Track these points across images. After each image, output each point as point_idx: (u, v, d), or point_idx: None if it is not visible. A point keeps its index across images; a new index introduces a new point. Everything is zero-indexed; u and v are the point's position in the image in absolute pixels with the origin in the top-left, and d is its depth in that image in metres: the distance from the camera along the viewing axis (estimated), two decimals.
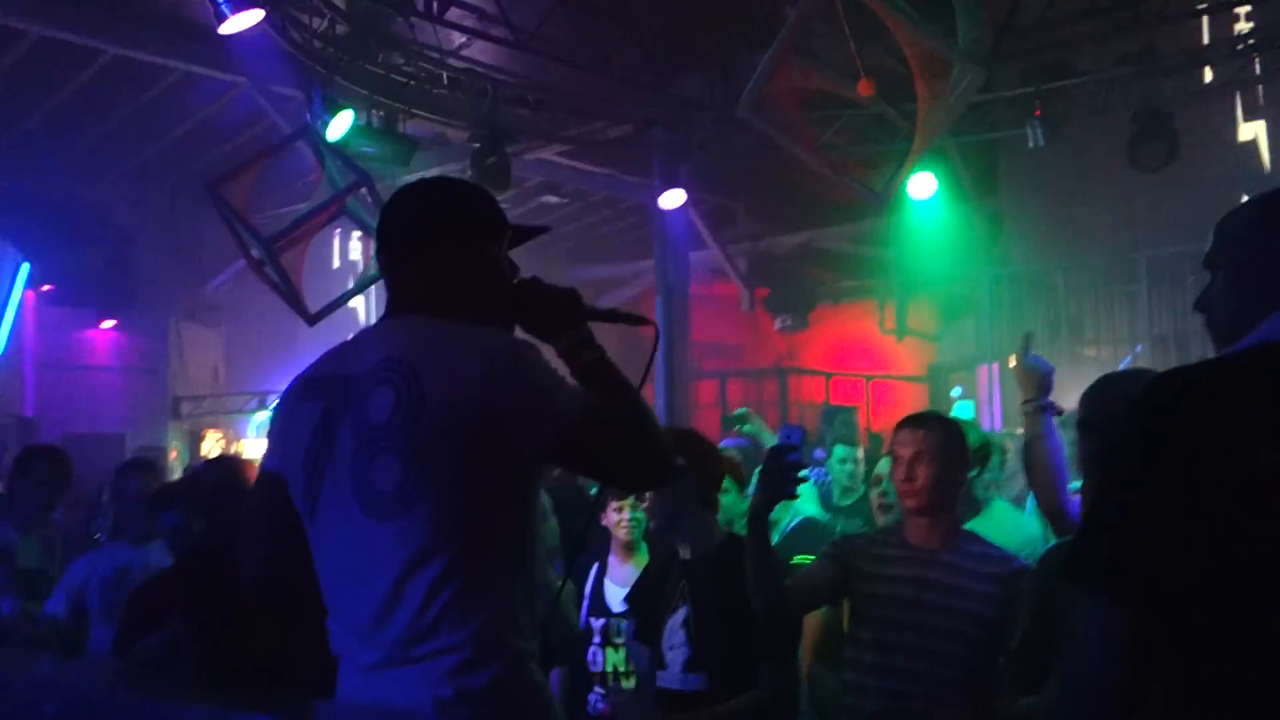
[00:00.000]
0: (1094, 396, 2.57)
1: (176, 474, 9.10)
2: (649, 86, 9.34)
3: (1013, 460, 4.73)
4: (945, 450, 2.83)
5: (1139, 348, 9.58)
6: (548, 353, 1.93)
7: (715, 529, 3.15)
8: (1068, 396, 2.91)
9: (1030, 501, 4.68)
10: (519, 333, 2.02)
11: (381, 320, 2.00)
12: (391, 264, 2.01)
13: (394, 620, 1.79)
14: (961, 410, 12.15)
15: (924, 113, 6.78)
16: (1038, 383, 2.95)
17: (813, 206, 12.31)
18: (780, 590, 2.77)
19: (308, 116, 7.19)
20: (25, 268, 10.36)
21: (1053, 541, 3.14)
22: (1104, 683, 1.50)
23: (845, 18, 6.30)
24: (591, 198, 12.99)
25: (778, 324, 14.19)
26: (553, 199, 12.19)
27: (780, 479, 2.63)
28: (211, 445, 11.97)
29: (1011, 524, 3.96)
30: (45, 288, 11.07)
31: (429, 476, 1.79)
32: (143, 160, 11.56)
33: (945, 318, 14.01)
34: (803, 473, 2.73)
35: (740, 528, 3.28)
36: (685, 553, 3.12)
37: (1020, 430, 5.47)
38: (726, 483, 3.31)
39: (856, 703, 2.80)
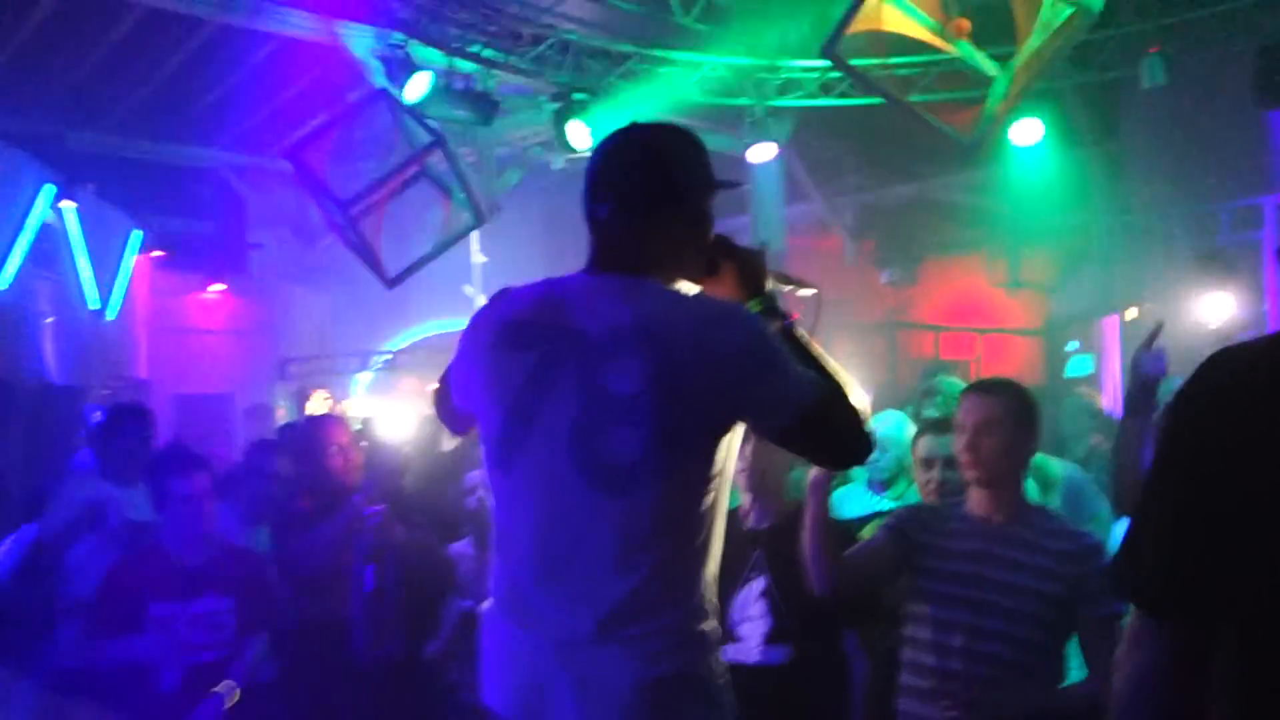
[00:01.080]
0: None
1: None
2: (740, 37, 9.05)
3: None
4: (1015, 419, 2.66)
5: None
6: None
7: (788, 496, 3.05)
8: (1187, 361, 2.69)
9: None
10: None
11: (597, 275, 1.90)
12: (607, 214, 1.91)
13: (609, 595, 1.74)
14: (1078, 365, 11.66)
15: (1023, 55, 6.38)
16: (1140, 386, 2.75)
17: (922, 155, 11.85)
18: (838, 564, 2.64)
19: (385, 79, 7.19)
20: (137, 235, 10.72)
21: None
22: (1151, 705, 1.33)
23: None
24: None
25: (885, 277, 13.81)
26: None
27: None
28: (318, 404, 12.27)
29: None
30: (156, 254, 11.43)
31: (670, 455, 1.75)
32: (250, 125, 11.80)
33: (1062, 269, 13.39)
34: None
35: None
36: (754, 522, 3.01)
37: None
38: None
39: (912, 682, 2.67)
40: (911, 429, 3.89)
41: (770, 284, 1.99)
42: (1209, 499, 1.29)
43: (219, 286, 12.77)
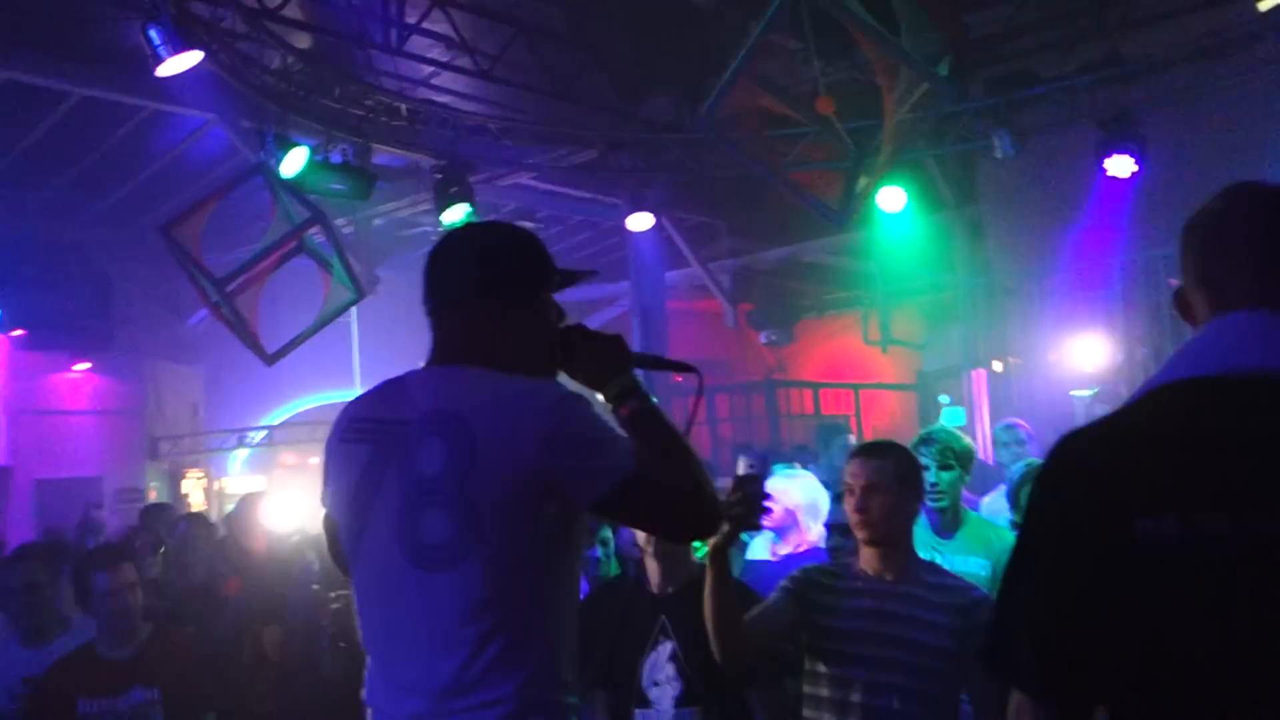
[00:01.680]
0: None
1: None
2: (615, 111, 9.27)
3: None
4: (899, 480, 2.77)
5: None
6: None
7: (691, 560, 3.09)
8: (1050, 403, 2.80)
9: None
10: (566, 381, 2.01)
11: (432, 367, 1.98)
12: (441, 309, 2.00)
13: (438, 672, 1.78)
14: (951, 417, 12.10)
15: (890, 128, 6.70)
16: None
17: (793, 221, 12.24)
18: (741, 629, 2.69)
19: (261, 154, 7.13)
20: None
21: None
22: None
23: (810, 34, 6.23)
24: (569, 221, 12.93)
25: (763, 338, 14.15)
26: (528, 225, 12.08)
27: (745, 510, 2.55)
28: (192, 485, 11.90)
29: (992, 536, 3.83)
30: (17, 332, 10.99)
31: (480, 531, 1.78)
32: (116, 200, 11.52)
33: (930, 326, 13.94)
34: None
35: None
36: (659, 587, 3.06)
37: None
38: None
39: None
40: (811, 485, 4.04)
41: (631, 369, 2.03)
42: (1067, 583, 1.36)
43: (84, 365, 12.30)
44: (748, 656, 2.76)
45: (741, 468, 2.62)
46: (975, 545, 3.67)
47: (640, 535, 3.07)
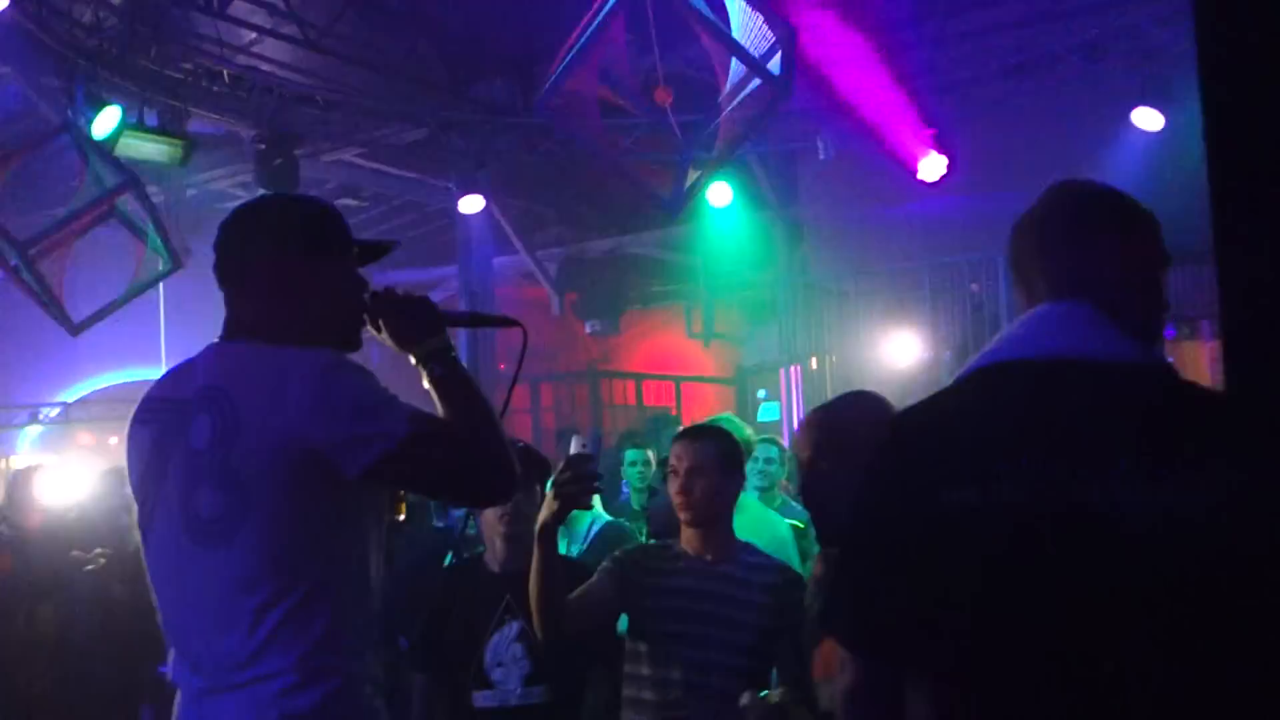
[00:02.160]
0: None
1: None
2: (447, 90, 9.15)
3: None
4: (720, 463, 2.85)
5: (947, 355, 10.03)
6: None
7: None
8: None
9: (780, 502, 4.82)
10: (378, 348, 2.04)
11: (215, 343, 1.98)
12: (226, 286, 2.00)
13: (219, 646, 1.80)
14: (767, 411, 12.48)
15: (725, 123, 6.86)
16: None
17: (621, 212, 12.37)
18: (562, 608, 2.72)
19: (69, 113, 6.71)
20: None
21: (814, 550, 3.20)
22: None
23: (651, 23, 6.30)
24: (395, 201, 12.67)
25: (588, 328, 14.21)
26: (352, 202, 11.82)
27: (577, 488, 2.57)
28: None
29: (762, 522, 4.02)
30: None
31: (248, 505, 1.80)
32: None
33: (751, 322, 14.31)
34: None
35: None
36: (501, 566, 3.05)
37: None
38: None
39: (633, 717, 2.78)
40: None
41: (442, 331, 2.03)
42: (884, 549, 1.49)
43: None
44: (568, 635, 2.79)
45: (574, 447, 2.66)
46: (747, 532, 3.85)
47: (489, 514, 3.06)
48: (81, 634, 3.95)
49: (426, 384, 1.98)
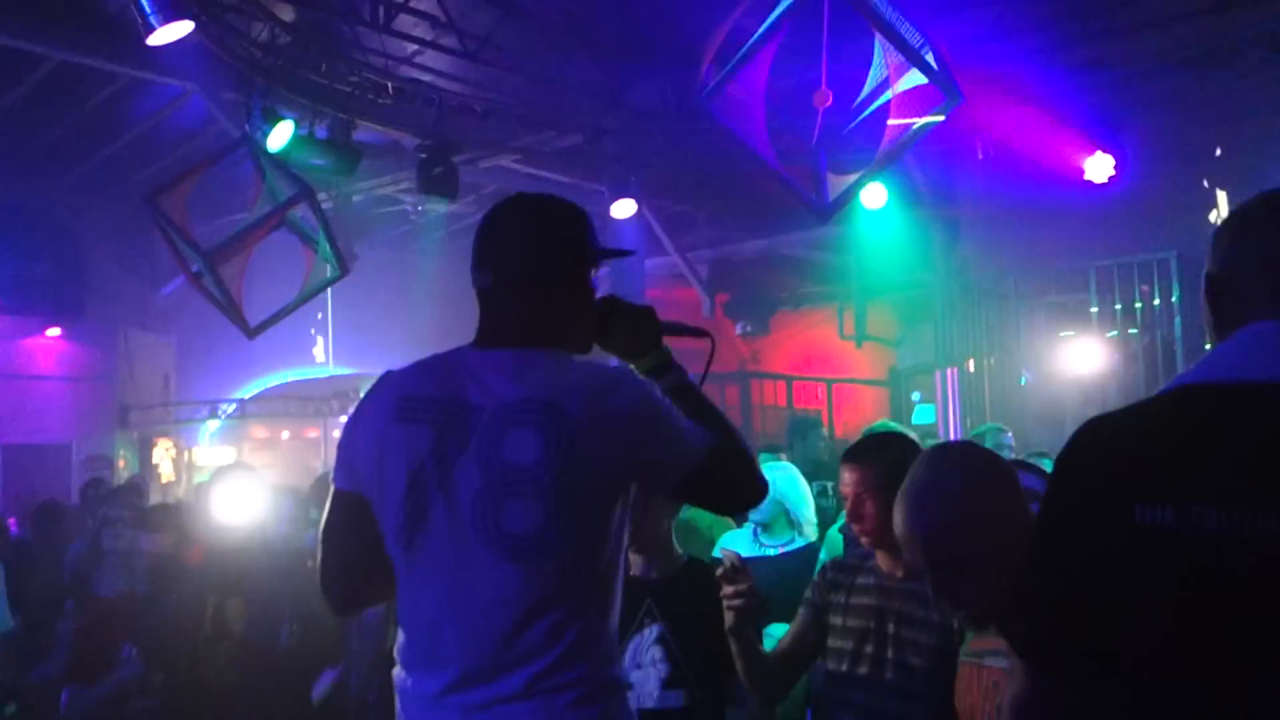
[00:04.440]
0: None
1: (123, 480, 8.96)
2: (599, 96, 9.27)
3: None
4: (887, 483, 2.74)
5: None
6: None
7: (676, 548, 3.14)
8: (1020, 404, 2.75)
9: None
10: (599, 354, 2.02)
11: (493, 348, 1.92)
12: (496, 285, 1.95)
13: (513, 657, 1.79)
14: (922, 414, 12.19)
15: (893, 128, 6.72)
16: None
17: (772, 213, 12.28)
18: (776, 680, 2.75)
19: (246, 127, 7.08)
20: None
21: None
22: None
23: (825, 25, 6.19)
24: None
25: (739, 329, 14.19)
26: None
27: (744, 603, 2.58)
28: (162, 454, 11.81)
29: None
30: None
31: (572, 521, 1.79)
32: (92, 166, 11.39)
33: (905, 323, 14.03)
34: None
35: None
36: (644, 572, 3.09)
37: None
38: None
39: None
40: (796, 477, 4.09)
41: (661, 339, 2.05)
42: (1070, 562, 1.43)
43: (55, 331, 12.17)
44: (790, 688, 2.80)
45: (727, 563, 2.61)
46: None
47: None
48: (266, 631, 4.11)
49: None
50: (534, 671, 1.79)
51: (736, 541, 4.25)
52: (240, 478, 4.59)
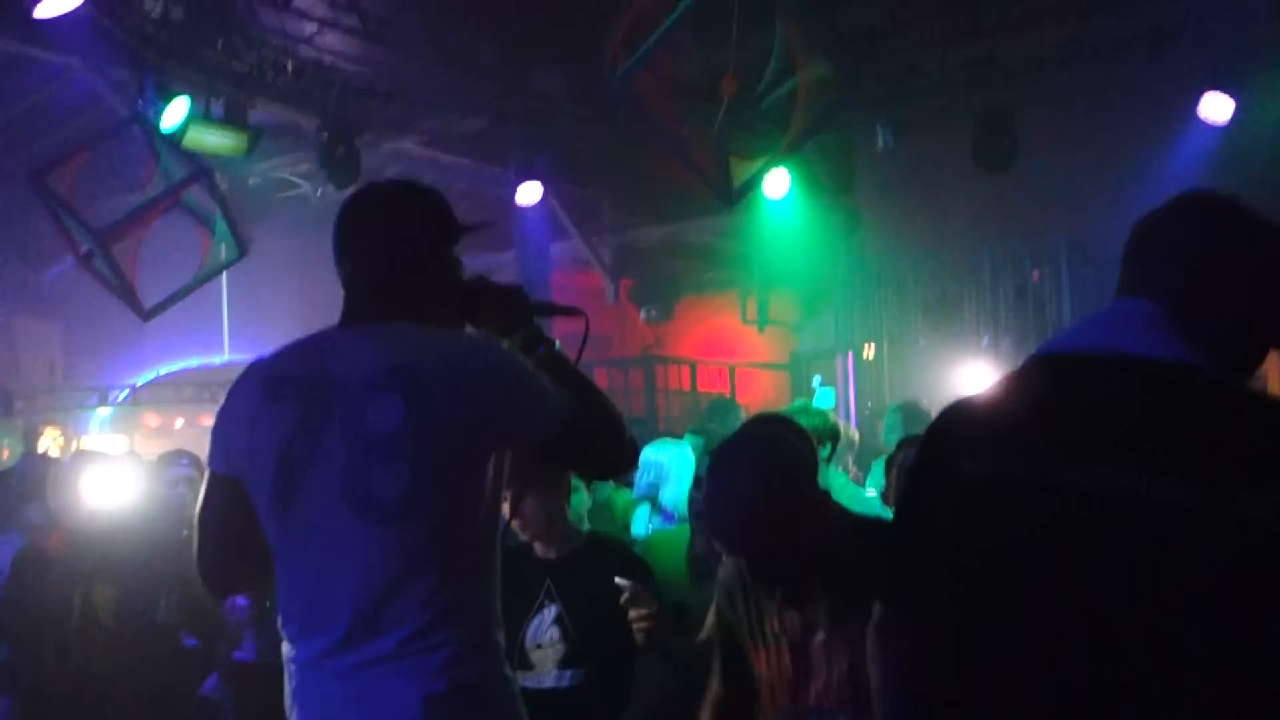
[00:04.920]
0: None
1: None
2: (505, 80, 9.21)
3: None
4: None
5: (986, 339, 9.93)
6: None
7: (574, 528, 3.19)
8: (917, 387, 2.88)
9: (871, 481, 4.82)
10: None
11: (356, 325, 1.99)
12: (357, 267, 2.03)
13: (386, 621, 1.82)
14: (822, 398, 12.43)
15: (799, 112, 6.84)
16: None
17: (676, 200, 12.36)
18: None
19: (140, 104, 6.87)
20: None
21: None
22: (902, 683, 1.69)
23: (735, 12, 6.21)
24: (453, 189, 12.78)
25: (643, 315, 14.26)
26: None
27: (647, 625, 2.66)
28: (49, 443, 11.39)
29: (851, 498, 4.02)
30: None
31: (437, 484, 1.84)
32: None
33: (805, 309, 14.27)
34: None
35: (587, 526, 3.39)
36: (543, 552, 3.12)
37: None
38: (575, 482, 3.32)
39: None
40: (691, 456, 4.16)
41: (532, 315, 2.14)
42: (916, 516, 1.67)
43: None
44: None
45: (628, 593, 2.67)
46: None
47: (514, 521, 3.11)
48: (138, 616, 3.99)
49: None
50: (405, 634, 1.83)
51: (640, 521, 4.31)
52: (102, 462, 4.36)
